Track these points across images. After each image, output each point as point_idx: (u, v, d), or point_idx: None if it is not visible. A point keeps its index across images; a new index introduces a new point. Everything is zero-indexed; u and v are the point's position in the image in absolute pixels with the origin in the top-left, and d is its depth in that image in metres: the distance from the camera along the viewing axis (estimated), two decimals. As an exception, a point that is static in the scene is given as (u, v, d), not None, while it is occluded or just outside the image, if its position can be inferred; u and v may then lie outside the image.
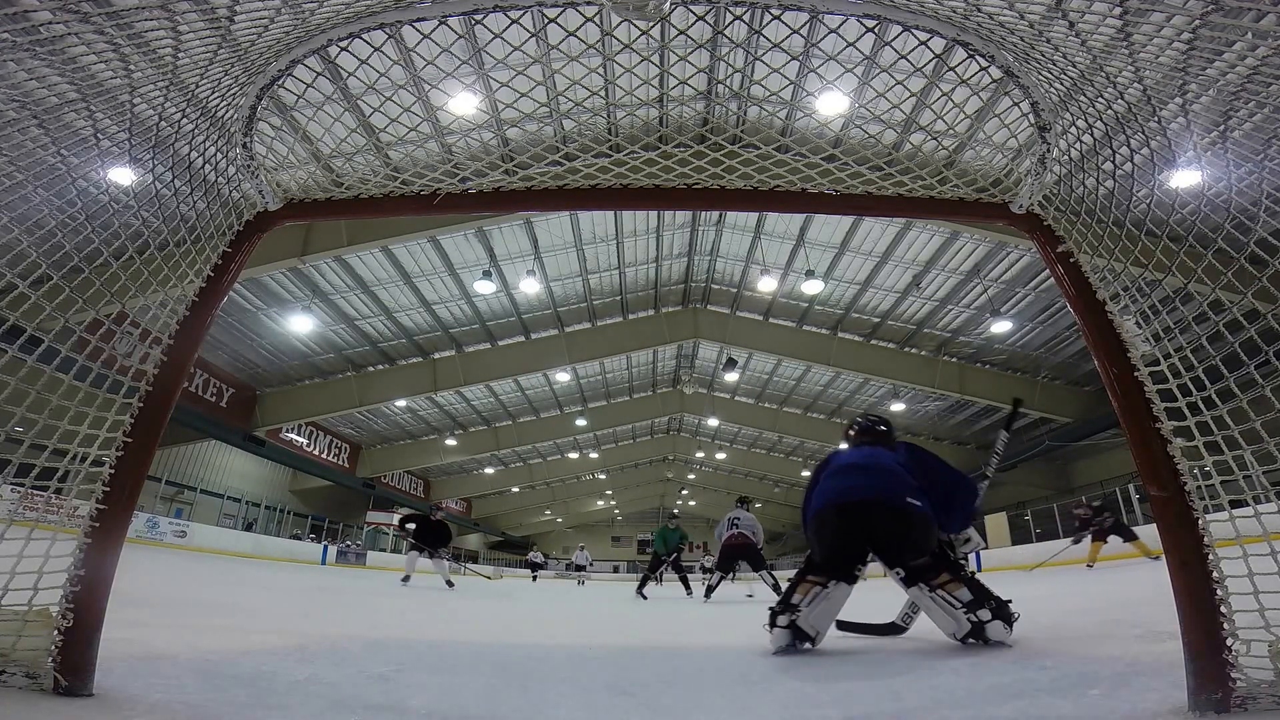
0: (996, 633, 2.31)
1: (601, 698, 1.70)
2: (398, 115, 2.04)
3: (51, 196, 1.49)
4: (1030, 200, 1.77)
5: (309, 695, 1.56)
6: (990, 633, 2.31)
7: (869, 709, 1.56)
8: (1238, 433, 1.39)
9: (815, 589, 2.50)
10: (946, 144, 6.71)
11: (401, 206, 1.89)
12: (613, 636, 3.64)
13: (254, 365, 18.52)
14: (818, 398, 24.17)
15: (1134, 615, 3.18)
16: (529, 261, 15.08)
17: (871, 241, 14.78)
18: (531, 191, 1.88)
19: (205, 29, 1.39)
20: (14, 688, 1.22)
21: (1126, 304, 1.59)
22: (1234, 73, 1.33)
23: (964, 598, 2.38)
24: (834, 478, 2.83)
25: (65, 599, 1.28)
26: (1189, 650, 1.29)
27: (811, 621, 2.46)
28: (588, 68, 1.91)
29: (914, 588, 2.49)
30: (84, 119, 1.47)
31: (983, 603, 2.35)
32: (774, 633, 2.45)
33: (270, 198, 1.85)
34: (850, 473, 2.81)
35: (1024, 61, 1.55)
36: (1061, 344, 17.81)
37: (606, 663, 2.41)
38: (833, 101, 8.25)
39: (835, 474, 2.85)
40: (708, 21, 1.94)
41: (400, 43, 1.76)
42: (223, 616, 3.40)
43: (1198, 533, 1.34)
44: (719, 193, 1.88)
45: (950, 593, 2.39)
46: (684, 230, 16.14)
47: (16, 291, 1.42)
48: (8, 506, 1.24)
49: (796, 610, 2.44)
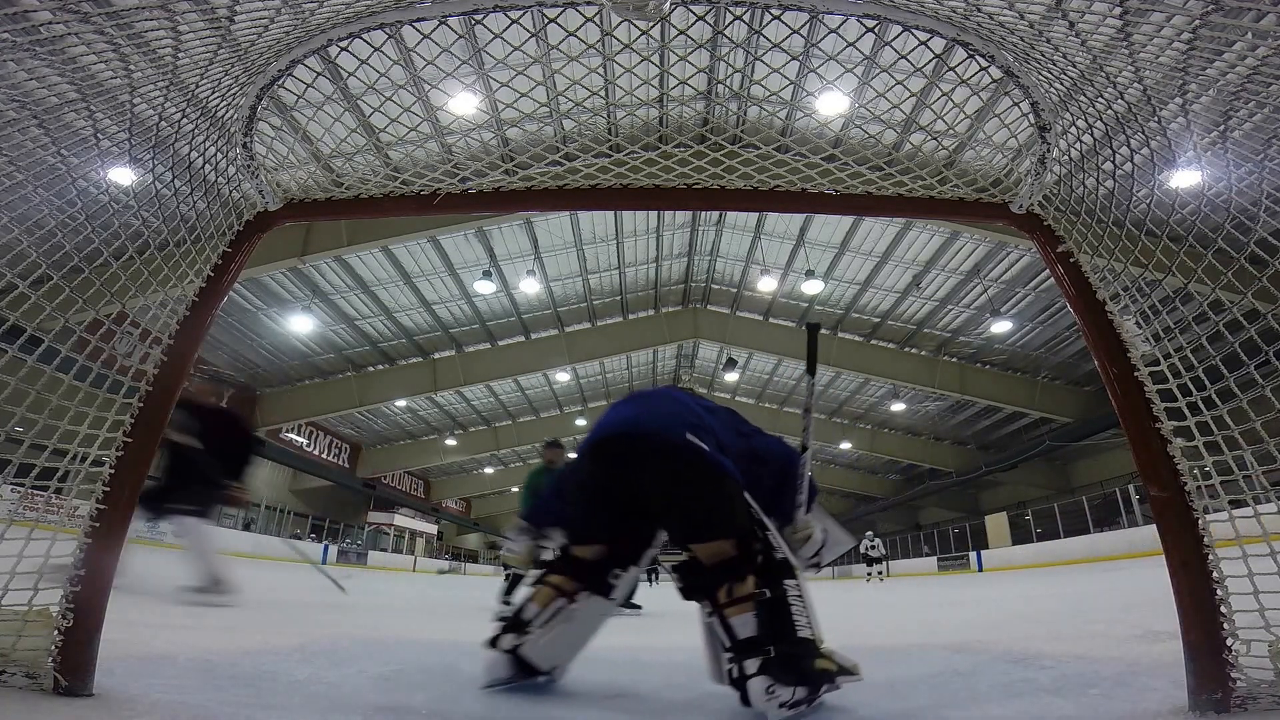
0: (756, 698, 1.38)
1: (602, 698, 1.70)
2: (398, 115, 2.03)
3: (51, 196, 1.49)
4: (1030, 200, 1.77)
5: (309, 695, 1.56)
6: (751, 695, 1.39)
7: (869, 709, 1.56)
8: (1238, 433, 1.39)
9: (557, 602, 1.74)
10: (946, 144, 6.71)
11: (401, 206, 1.89)
12: (613, 636, 3.64)
13: (254, 365, 18.52)
14: (818, 398, 24.08)
15: (1134, 615, 3.19)
16: (529, 261, 15.09)
17: (871, 241, 14.79)
18: (531, 191, 1.87)
19: (205, 29, 1.39)
20: (14, 688, 1.22)
21: (1126, 304, 1.59)
22: (1234, 73, 1.33)
23: (741, 631, 1.45)
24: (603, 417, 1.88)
25: (65, 599, 1.28)
26: (1189, 650, 1.29)
27: (542, 651, 1.71)
28: (588, 68, 1.92)
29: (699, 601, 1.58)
30: (84, 119, 1.47)
31: (760, 647, 1.42)
32: (489, 656, 1.72)
33: (270, 198, 1.85)
34: (619, 406, 1.89)
35: (1024, 61, 1.55)
36: (1061, 344, 17.82)
37: (607, 663, 2.41)
38: (833, 101, 8.25)
39: (606, 413, 1.90)
40: (708, 21, 1.94)
41: (400, 43, 1.76)
42: (223, 616, 3.40)
43: (1198, 533, 1.34)
44: (719, 193, 1.88)
45: (729, 619, 1.47)
46: (684, 230, 16.14)
47: (16, 291, 1.42)
48: (8, 506, 1.24)
49: (525, 631, 1.72)
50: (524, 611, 1.76)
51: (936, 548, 27.29)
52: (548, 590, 1.78)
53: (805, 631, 1.49)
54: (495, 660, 1.71)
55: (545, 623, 1.73)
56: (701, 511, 1.61)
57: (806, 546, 1.81)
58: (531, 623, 1.73)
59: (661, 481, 1.64)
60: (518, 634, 1.72)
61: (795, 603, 1.51)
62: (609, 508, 1.78)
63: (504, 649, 1.71)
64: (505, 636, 1.73)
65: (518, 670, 1.70)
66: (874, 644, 2.86)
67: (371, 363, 19.42)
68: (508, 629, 1.75)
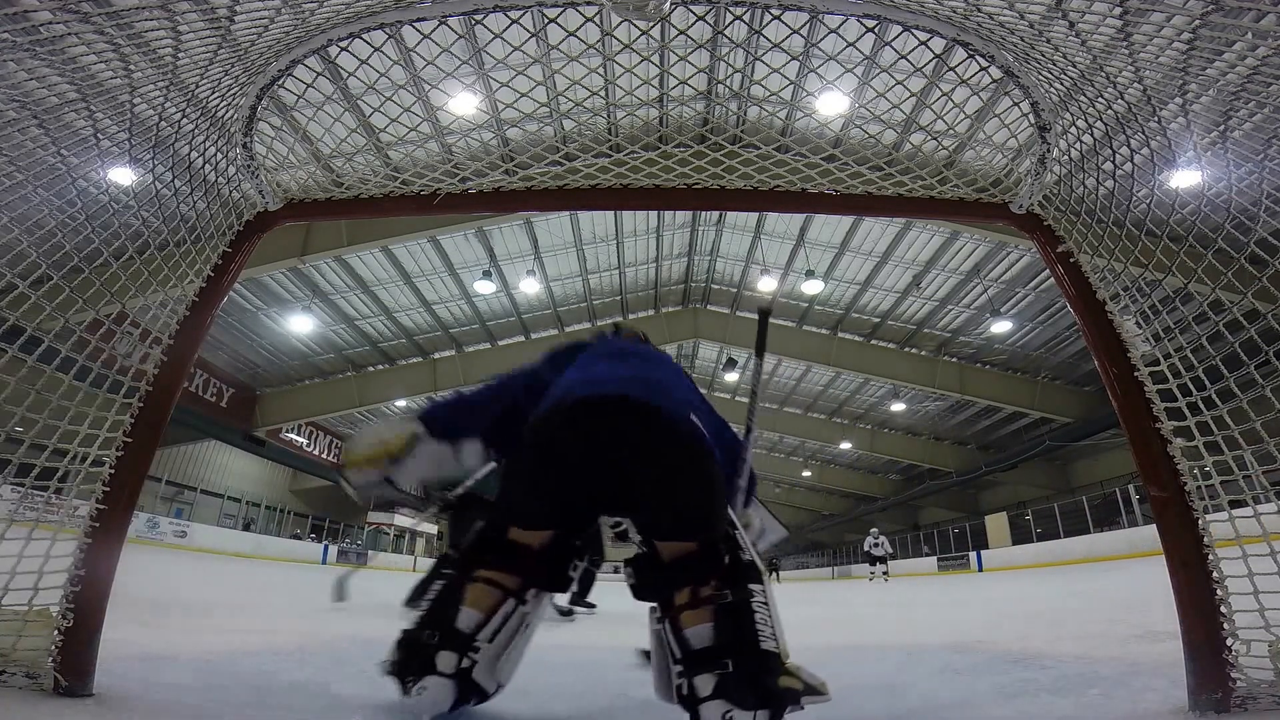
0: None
1: (603, 698, 1.70)
2: (398, 115, 2.03)
3: (51, 196, 1.49)
4: (1030, 200, 1.77)
5: (309, 695, 1.56)
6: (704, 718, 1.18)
7: (870, 709, 1.56)
8: (1238, 433, 1.39)
9: (505, 606, 1.37)
10: (946, 144, 6.71)
11: (401, 206, 1.89)
12: (612, 636, 3.63)
13: (254, 365, 18.54)
14: (818, 398, 24.16)
15: (1134, 615, 3.19)
16: (529, 261, 15.09)
17: (871, 241, 14.79)
18: (531, 191, 1.88)
19: (205, 29, 1.39)
20: (14, 688, 1.22)
21: (1126, 304, 1.59)
22: (1234, 73, 1.33)
23: (695, 641, 1.25)
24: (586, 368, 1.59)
25: (65, 599, 1.28)
26: (1189, 650, 1.29)
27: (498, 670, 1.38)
28: (588, 68, 1.91)
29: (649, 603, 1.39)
30: (84, 119, 1.47)
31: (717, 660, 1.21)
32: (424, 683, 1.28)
33: (270, 198, 1.85)
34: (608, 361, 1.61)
35: (1024, 61, 1.55)
36: (1061, 344, 17.82)
37: (607, 663, 2.41)
38: (833, 101, 8.25)
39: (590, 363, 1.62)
40: (708, 22, 1.94)
41: (400, 43, 1.76)
42: (223, 616, 3.40)
43: (1198, 533, 1.34)
44: (719, 193, 1.88)
45: (683, 627, 1.28)
46: (684, 230, 16.14)
47: (17, 291, 1.42)
48: (8, 506, 1.23)
49: (473, 648, 1.32)
50: (455, 620, 1.33)
51: (936, 548, 27.28)
52: (485, 589, 1.37)
53: (769, 644, 1.25)
54: (435, 688, 1.28)
55: (495, 634, 1.35)
56: (691, 507, 1.38)
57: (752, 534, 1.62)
58: (475, 636, 1.33)
59: (657, 466, 1.37)
60: (458, 651, 1.31)
61: (760, 609, 1.29)
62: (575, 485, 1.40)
63: (445, 672, 1.29)
64: (443, 655, 1.30)
65: (461, 696, 1.32)
66: (874, 644, 2.86)
67: (371, 363, 19.42)
68: (442, 645, 1.31)
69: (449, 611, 1.35)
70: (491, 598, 1.37)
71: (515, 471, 1.51)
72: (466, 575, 1.40)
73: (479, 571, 1.40)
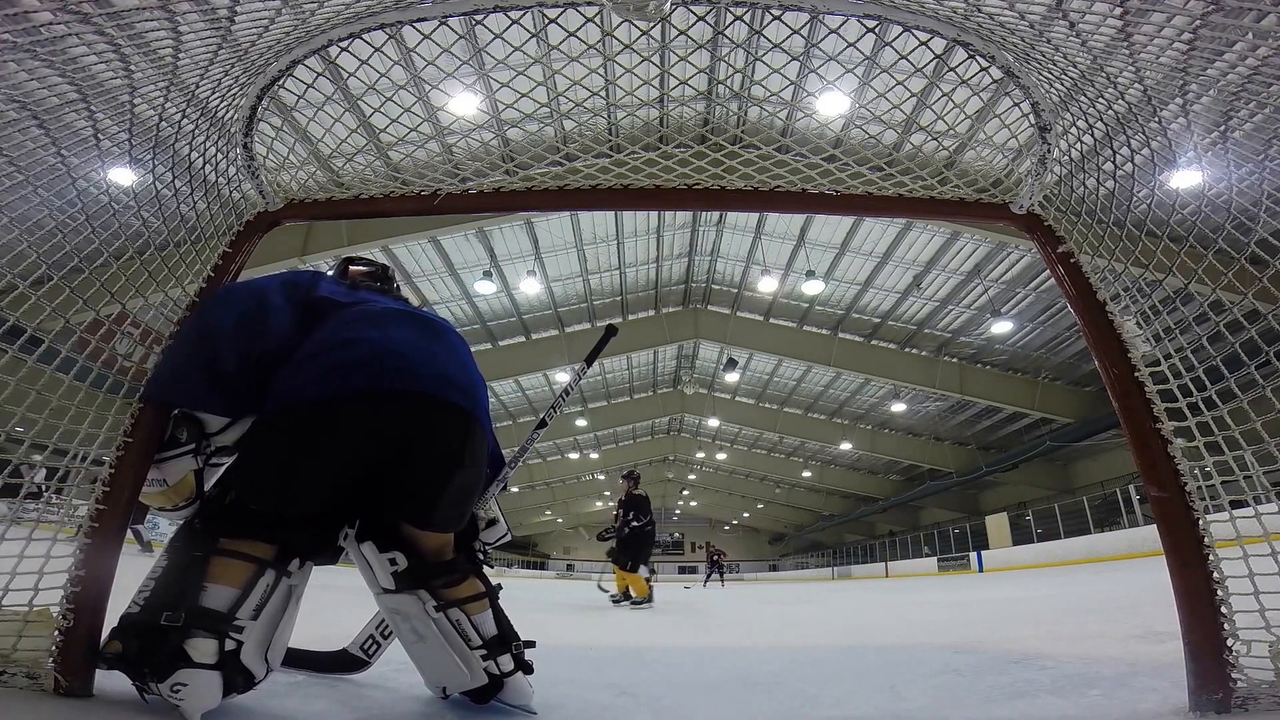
0: (518, 694, 1.43)
1: (603, 698, 1.70)
2: (398, 116, 2.03)
3: (51, 196, 1.49)
4: (1031, 201, 1.77)
5: (309, 695, 1.56)
6: (510, 694, 1.42)
7: (870, 709, 1.56)
8: (1238, 433, 1.39)
9: (265, 578, 1.25)
10: (947, 144, 6.71)
11: (402, 206, 1.89)
12: (613, 636, 3.63)
13: (254, 365, 18.53)
14: (818, 398, 24.17)
15: (1134, 615, 3.19)
16: (529, 262, 15.09)
17: (872, 242, 14.79)
18: (532, 192, 1.88)
19: (205, 29, 1.39)
20: (14, 688, 1.22)
21: (1127, 304, 1.59)
22: (1234, 73, 1.33)
23: (487, 631, 1.42)
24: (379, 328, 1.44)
25: (65, 599, 1.28)
26: (1189, 650, 1.29)
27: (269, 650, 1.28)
28: (588, 68, 1.92)
29: (409, 595, 1.40)
30: (84, 119, 1.47)
31: (507, 644, 1.43)
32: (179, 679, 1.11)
33: (271, 198, 1.85)
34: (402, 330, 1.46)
35: (1024, 62, 1.55)
36: (1062, 344, 17.82)
37: (607, 663, 2.41)
38: (833, 102, 8.26)
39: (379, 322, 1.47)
40: (708, 22, 1.94)
41: (400, 43, 1.76)
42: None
43: (1198, 533, 1.34)
44: (719, 193, 1.88)
45: (470, 616, 1.40)
46: (684, 231, 16.14)
47: (17, 291, 1.42)
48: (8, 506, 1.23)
49: (234, 627, 1.19)
50: (203, 599, 1.18)
51: (937, 548, 27.27)
52: (237, 564, 1.22)
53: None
54: (198, 683, 1.12)
55: (258, 611, 1.22)
56: (466, 506, 1.49)
57: (491, 531, 1.70)
58: (233, 614, 1.19)
59: (456, 474, 1.38)
60: (215, 634, 1.16)
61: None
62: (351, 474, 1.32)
63: (204, 662, 1.13)
64: (197, 642, 1.13)
65: (230, 684, 1.17)
66: (874, 644, 2.86)
67: (372, 363, 19.42)
68: (192, 629, 1.14)
69: (190, 590, 1.18)
70: (246, 573, 1.23)
71: (267, 444, 1.34)
72: (210, 546, 1.24)
73: (223, 541, 1.25)
